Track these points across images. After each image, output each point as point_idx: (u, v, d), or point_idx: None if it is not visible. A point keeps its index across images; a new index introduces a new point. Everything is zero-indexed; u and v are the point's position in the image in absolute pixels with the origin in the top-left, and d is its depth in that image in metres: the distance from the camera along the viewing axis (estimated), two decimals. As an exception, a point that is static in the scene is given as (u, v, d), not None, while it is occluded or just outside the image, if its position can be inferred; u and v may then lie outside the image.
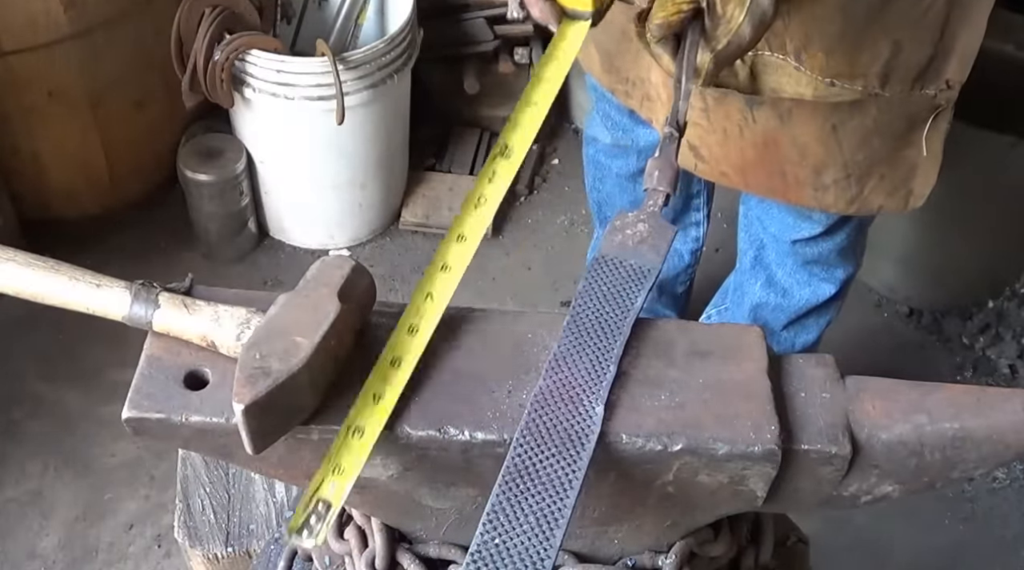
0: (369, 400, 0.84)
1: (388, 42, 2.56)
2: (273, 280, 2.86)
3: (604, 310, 0.93)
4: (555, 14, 1.04)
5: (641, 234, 0.99)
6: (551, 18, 1.04)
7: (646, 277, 0.96)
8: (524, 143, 0.98)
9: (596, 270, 0.97)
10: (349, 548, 1.03)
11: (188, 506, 1.68)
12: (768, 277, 2.08)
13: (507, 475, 0.83)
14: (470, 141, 3.17)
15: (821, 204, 1.68)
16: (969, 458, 0.87)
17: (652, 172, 1.03)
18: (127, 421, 0.86)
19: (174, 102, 2.63)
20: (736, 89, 1.49)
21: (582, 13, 1.04)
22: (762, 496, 0.89)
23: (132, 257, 2.73)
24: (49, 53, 2.49)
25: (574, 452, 0.84)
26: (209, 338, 0.88)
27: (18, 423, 2.48)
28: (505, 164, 0.96)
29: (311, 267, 0.90)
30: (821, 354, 0.94)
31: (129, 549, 2.28)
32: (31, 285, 0.89)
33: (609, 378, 0.88)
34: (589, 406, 0.86)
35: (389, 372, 0.86)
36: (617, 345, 0.91)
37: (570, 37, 1.04)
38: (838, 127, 1.53)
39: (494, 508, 0.81)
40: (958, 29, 1.43)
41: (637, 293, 0.95)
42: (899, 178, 1.62)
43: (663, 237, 0.99)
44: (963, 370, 2.71)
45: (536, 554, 0.80)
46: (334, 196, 2.84)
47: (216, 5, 2.47)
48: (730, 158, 1.64)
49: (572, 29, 1.04)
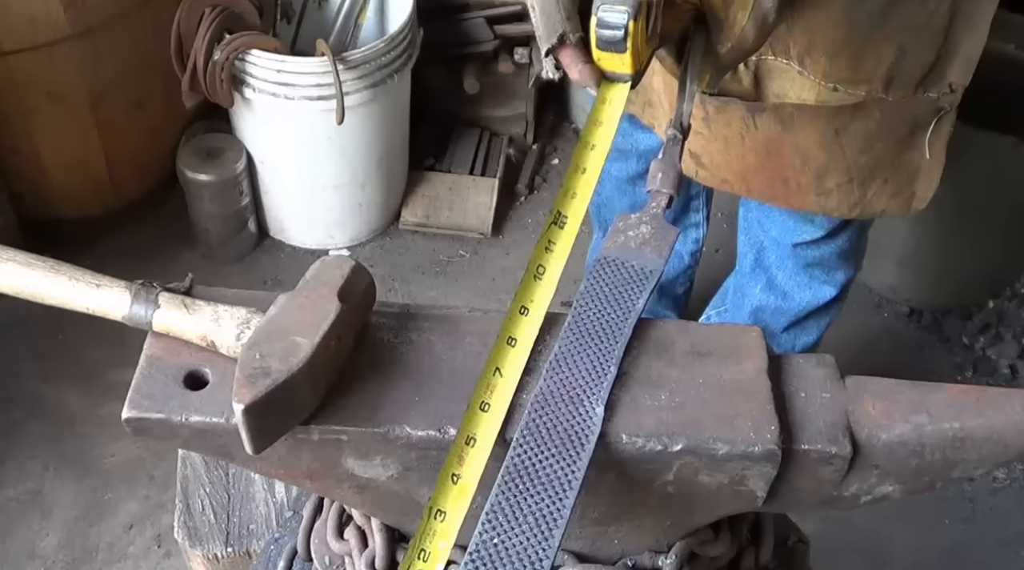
0: (448, 482, 0.83)
1: (388, 42, 2.56)
2: (273, 280, 2.86)
3: (605, 311, 0.93)
4: (595, 77, 1.03)
5: (643, 236, 0.99)
6: (591, 81, 1.03)
7: (648, 278, 0.96)
8: (579, 212, 0.97)
9: (598, 271, 0.97)
10: (349, 548, 1.03)
11: (188, 506, 1.67)
12: (768, 280, 2.08)
13: (506, 475, 0.83)
14: (470, 141, 3.17)
15: (824, 209, 1.67)
16: (969, 458, 0.87)
17: (655, 174, 1.03)
18: (127, 421, 0.86)
19: (174, 102, 2.63)
20: (739, 96, 1.49)
21: (621, 75, 1.03)
22: (762, 496, 0.89)
23: (132, 257, 2.73)
24: (49, 53, 2.49)
25: (574, 452, 0.84)
26: (209, 338, 0.88)
27: (18, 423, 2.48)
28: (561, 233, 0.96)
29: (311, 267, 0.90)
30: (821, 354, 0.95)
31: (129, 549, 2.28)
32: (31, 285, 0.89)
33: (610, 379, 0.88)
34: (589, 407, 0.86)
35: (465, 451, 0.84)
36: (618, 346, 0.91)
37: (612, 100, 1.03)
38: (841, 132, 1.53)
39: (493, 508, 0.82)
40: (961, 33, 1.43)
41: (639, 294, 0.95)
42: (902, 181, 1.62)
43: (665, 239, 0.98)
44: (963, 370, 2.71)
45: (535, 554, 0.80)
46: (334, 196, 2.84)
47: (216, 5, 2.47)
48: (731, 165, 1.63)
49: (613, 92, 1.04)
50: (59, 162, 2.74)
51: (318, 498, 1.13)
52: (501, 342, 0.89)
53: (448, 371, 0.90)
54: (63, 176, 2.77)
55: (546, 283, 0.93)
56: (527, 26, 2.98)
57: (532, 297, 0.92)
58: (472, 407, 0.86)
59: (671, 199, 1.02)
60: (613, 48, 1.00)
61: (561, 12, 1.03)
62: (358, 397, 0.87)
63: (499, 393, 0.87)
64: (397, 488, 0.92)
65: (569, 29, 1.03)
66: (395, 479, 0.90)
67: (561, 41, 1.03)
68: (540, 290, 0.93)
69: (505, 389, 0.87)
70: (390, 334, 0.92)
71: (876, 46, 1.41)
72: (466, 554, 0.80)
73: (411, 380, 0.89)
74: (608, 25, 0.98)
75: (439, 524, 0.82)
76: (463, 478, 0.83)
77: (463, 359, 0.91)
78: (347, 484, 0.91)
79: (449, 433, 0.85)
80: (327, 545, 1.07)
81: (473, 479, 0.83)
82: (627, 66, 1.02)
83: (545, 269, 0.94)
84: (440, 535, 0.82)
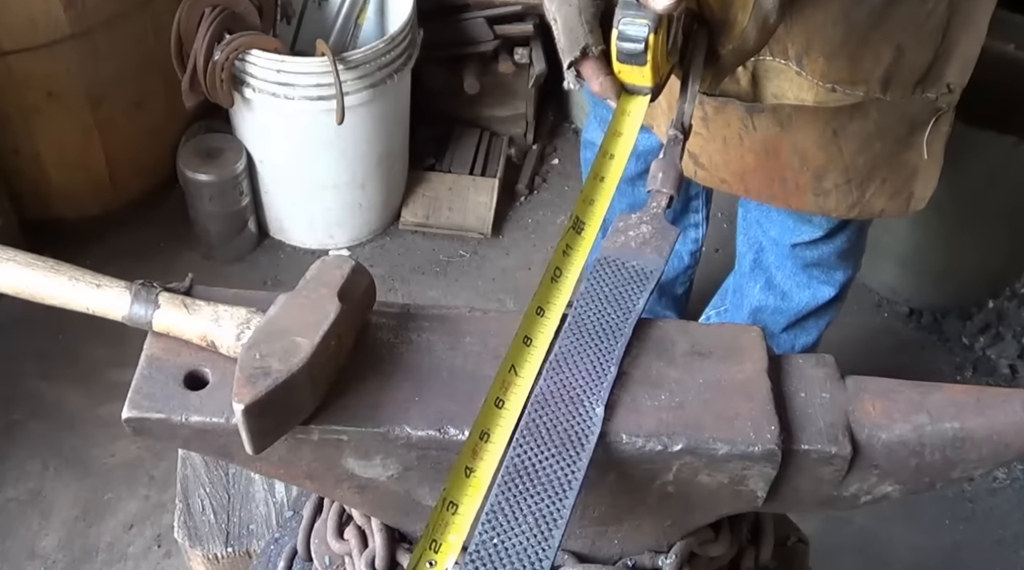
0: (461, 474, 0.83)
1: (388, 42, 2.56)
2: (273, 280, 2.86)
3: (606, 311, 0.93)
4: (615, 89, 1.06)
5: (644, 236, 0.99)
6: (611, 94, 1.06)
7: (648, 279, 0.96)
8: (597, 218, 0.99)
9: (598, 271, 0.97)
10: (349, 548, 1.03)
11: (188, 506, 1.68)
12: (767, 280, 2.08)
13: (507, 475, 0.83)
14: (470, 141, 3.17)
15: (822, 209, 1.67)
16: (969, 458, 0.87)
17: (656, 174, 1.03)
18: (127, 421, 0.86)
19: (174, 102, 2.63)
20: (737, 97, 1.49)
21: (641, 88, 1.05)
22: (762, 496, 0.89)
23: (132, 257, 2.73)
24: (49, 53, 2.49)
25: (574, 452, 0.84)
26: (209, 338, 0.88)
27: (18, 423, 2.48)
28: (578, 238, 0.98)
29: (311, 267, 0.90)
30: (821, 354, 0.95)
31: (129, 549, 2.28)
32: (31, 285, 0.89)
33: (610, 379, 0.88)
34: (589, 407, 0.86)
35: (479, 446, 0.85)
36: (618, 346, 0.91)
37: (632, 112, 1.06)
38: (839, 132, 1.53)
39: (493, 508, 0.82)
40: (959, 33, 1.43)
41: (639, 294, 0.95)
42: (900, 182, 1.62)
43: (666, 239, 0.99)
44: (963, 370, 2.71)
45: (534, 554, 0.80)
46: (334, 196, 2.84)
47: (216, 5, 2.47)
48: (730, 166, 1.63)
49: (633, 104, 1.06)
50: (59, 162, 2.74)
51: (318, 498, 1.13)
52: (518, 340, 0.90)
53: (448, 371, 0.90)
54: (63, 176, 2.77)
55: (563, 286, 0.94)
56: (527, 26, 2.98)
57: (549, 299, 0.93)
58: (488, 403, 0.86)
59: (671, 199, 1.02)
60: (633, 61, 1.02)
61: (584, 26, 1.05)
62: (358, 397, 0.87)
63: (514, 391, 0.88)
64: (397, 488, 0.92)
65: (592, 42, 1.05)
66: (395, 479, 0.90)
67: (584, 54, 1.05)
68: (557, 292, 0.94)
69: (521, 388, 0.88)
70: (390, 334, 0.92)
71: (874, 46, 1.41)
72: (465, 554, 0.80)
73: (411, 380, 0.89)
74: (629, 38, 1.00)
75: (451, 516, 0.82)
76: (476, 473, 0.83)
77: (463, 359, 0.91)
78: (347, 484, 0.91)
79: (449, 433, 0.85)
80: (327, 545, 1.07)
81: (487, 475, 0.83)
82: (647, 79, 1.04)
83: (562, 272, 0.95)
84: (453, 528, 0.82)
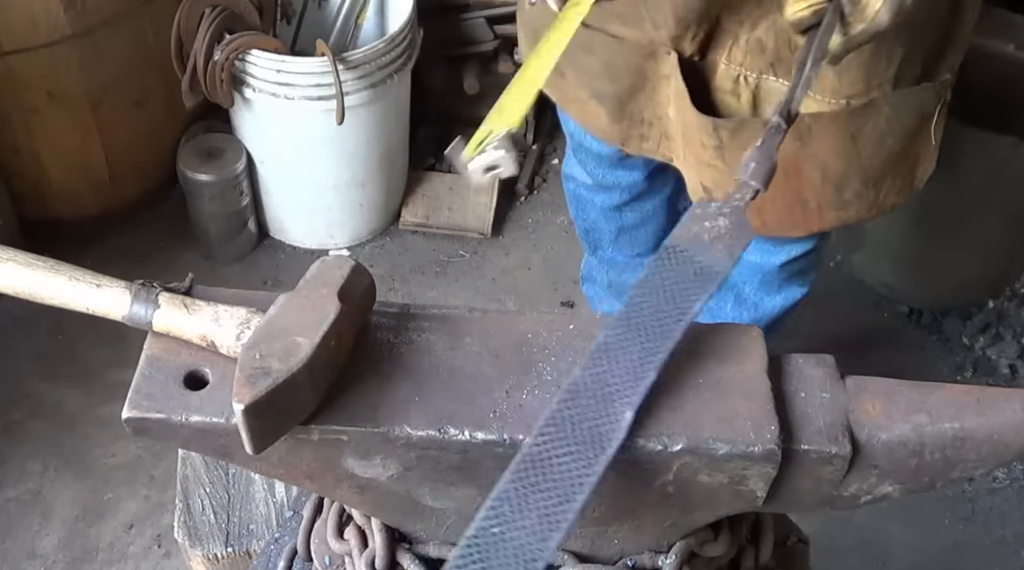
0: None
1: (388, 42, 2.56)
2: (273, 280, 2.86)
3: (660, 307, 0.88)
4: None
5: (719, 230, 0.93)
6: None
7: (712, 279, 0.91)
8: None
9: (663, 259, 0.92)
10: (349, 548, 1.03)
11: (188, 506, 1.68)
12: (736, 297, 2.04)
13: (522, 464, 0.80)
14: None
15: (843, 221, 1.63)
16: (969, 458, 0.87)
17: (748, 163, 0.98)
18: (127, 421, 0.86)
19: (174, 102, 2.63)
20: (736, 112, 1.48)
21: None
22: (762, 496, 0.89)
23: (132, 257, 2.73)
24: (49, 53, 2.49)
25: (592, 454, 0.81)
26: (209, 338, 0.88)
27: (18, 423, 2.48)
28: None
29: (311, 267, 0.90)
30: (821, 354, 0.94)
31: (129, 549, 2.28)
32: (31, 285, 0.89)
33: (646, 383, 0.85)
34: (619, 409, 0.83)
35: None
36: (664, 349, 0.86)
37: None
38: (856, 136, 1.51)
39: (500, 496, 0.79)
40: (960, 14, 1.44)
41: (698, 295, 0.89)
42: (906, 173, 1.62)
43: (739, 238, 0.93)
44: (963, 370, 2.71)
45: (531, 552, 0.78)
46: (334, 196, 2.84)
47: (216, 5, 2.47)
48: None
49: None
50: (59, 162, 2.74)
51: (318, 498, 1.13)
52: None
53: (448, 371, 0.90)
54: (63, 176, 2.77)
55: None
56: (527, 26, 2.98)
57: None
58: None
59: (757, 193, 0.97)
60: None
61: None
62: (358, 397, 0.87)
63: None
64: (397, 488, 0.92)
65: None
66: (395, 479, 0.90)
67: None
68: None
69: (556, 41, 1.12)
70: (390, 334, 0.92)
71: (888, 46, 1.39)
72: (464, 538, 0.78)
73: (411, 380, 0.89)
74: None
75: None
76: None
77: (463, 359, 0.91)
78: (347, 484, 0.91)
79: (449, 433, 0.85)
80: (327, 545, 1.07)
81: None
82: None
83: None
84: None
